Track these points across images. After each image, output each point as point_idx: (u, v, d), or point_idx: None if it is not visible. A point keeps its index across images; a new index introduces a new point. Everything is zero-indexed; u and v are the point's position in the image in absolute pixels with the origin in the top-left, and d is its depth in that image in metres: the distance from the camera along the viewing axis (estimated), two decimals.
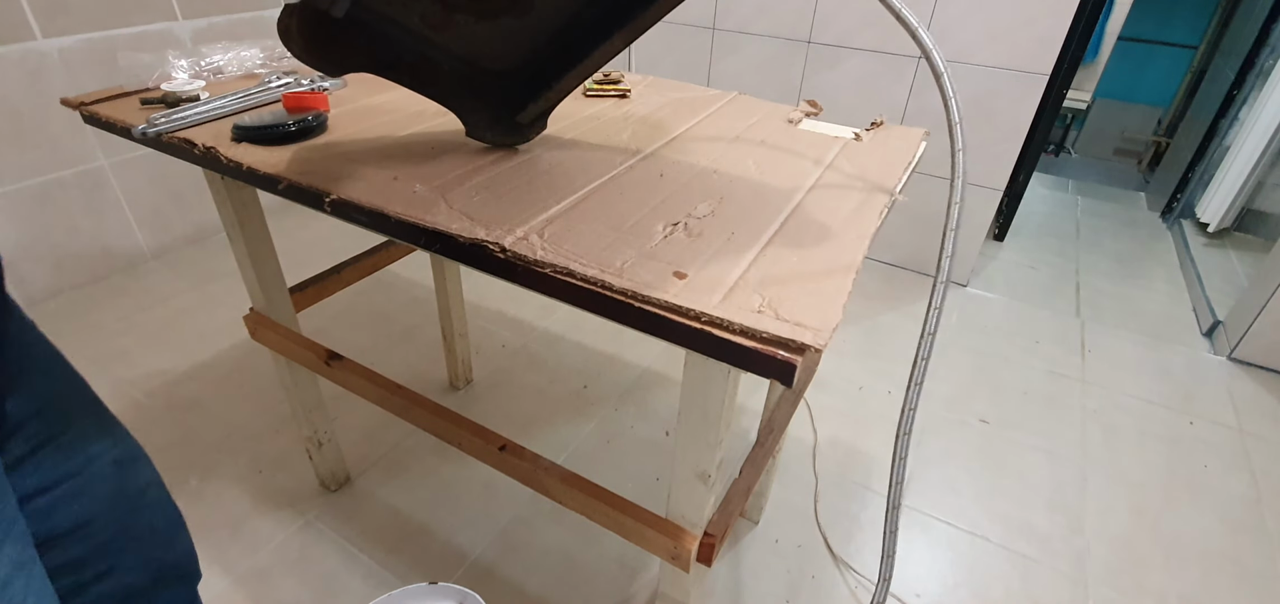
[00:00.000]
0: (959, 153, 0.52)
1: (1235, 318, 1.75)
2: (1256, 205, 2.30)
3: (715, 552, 0.66)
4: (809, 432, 1.40)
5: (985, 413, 1.50)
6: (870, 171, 0.71)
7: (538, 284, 0.51)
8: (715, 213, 0.58)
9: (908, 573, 1.12)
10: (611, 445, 1.34)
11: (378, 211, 0.56)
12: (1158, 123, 3.21)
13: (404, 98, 0.85)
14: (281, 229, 2.05)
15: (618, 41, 0.63)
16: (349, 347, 1.58)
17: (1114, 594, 1.11)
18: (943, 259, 0.54)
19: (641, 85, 0.97)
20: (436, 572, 1.08)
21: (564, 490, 0.72)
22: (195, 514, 1.14)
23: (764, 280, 0.49)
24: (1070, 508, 1.27)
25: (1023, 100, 1.71)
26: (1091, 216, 2.60)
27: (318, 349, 0.93)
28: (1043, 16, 1.61)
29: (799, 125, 0.84)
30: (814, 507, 1.23)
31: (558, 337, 1.66)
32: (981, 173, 1.85)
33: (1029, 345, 1.75)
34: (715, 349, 0.45)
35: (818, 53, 1.92)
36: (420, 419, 0.84)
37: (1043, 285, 2.05)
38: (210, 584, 1.04)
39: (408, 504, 1.19)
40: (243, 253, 0.91)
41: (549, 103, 0.70)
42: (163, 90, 0.80)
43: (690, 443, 0.59)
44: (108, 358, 1.49)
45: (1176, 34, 3.05)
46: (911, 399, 0.57)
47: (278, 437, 1.31)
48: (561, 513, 1.18)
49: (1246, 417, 1.54)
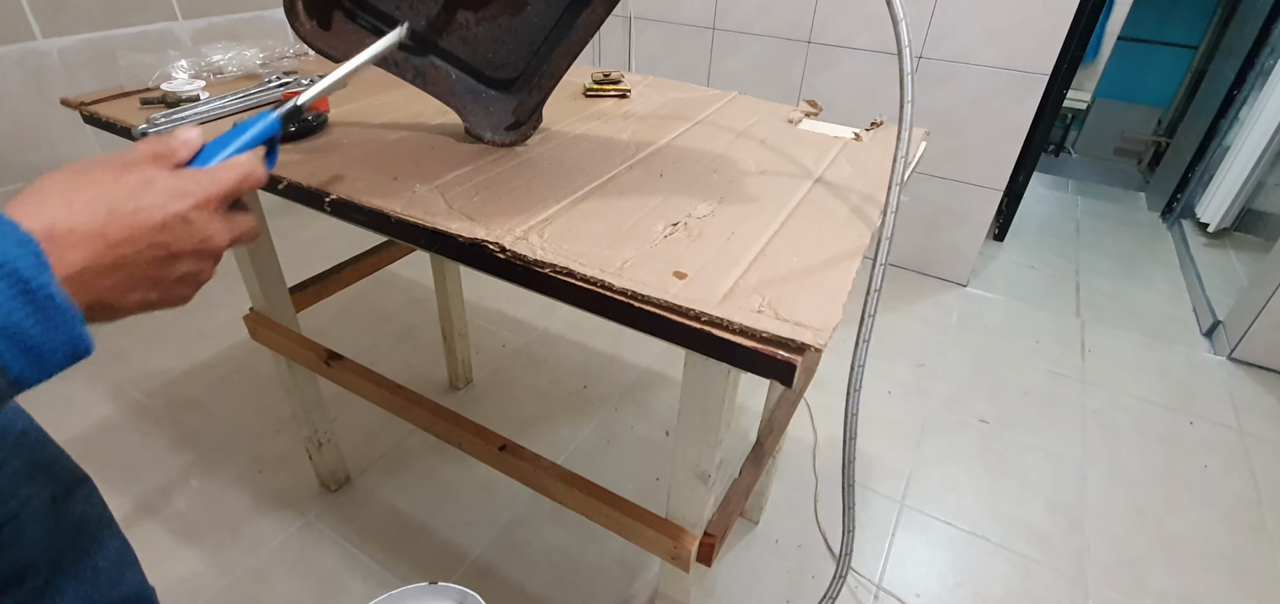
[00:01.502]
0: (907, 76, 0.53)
1: (1235, 318, 1.75)
2: (1256, 205, 2.30)
3: (715, 552, 0.66)
4: (809, 432, 1.40)
5: (985, 413, 1.50)
6: (870, 171, 0.71)
7: (538, 284, 0.51)
8: (715, 213, 0.58)
9: (908, 573, 1.12)
10: (611, 445, 1.34)
11: (378, 211, 0.56)
12: (1158, 123, 3.21)
13: (404, 98, 0.85)
14: (281, 229, 2.05)
15: (599, 8, 0.63)
16: (349, 347, 1.58)
17: (1114, 594, 1.11)
18: (892, 190, 0.55)
19: (641, 85, 0.97)
20: (436, 572, 1.08)
21: (564, 490, 0.72)
22: (195, 514, 1.15)
23: (764, 280, 0.49)
24: (1070, 508, 1.27)
25: (1023, 100, 1.71)
26: (1091, 216, 2.60)
27: (318, 349, 0.93)
28: (1043, 16, 1.61)
29: (799, 125, 0.84)
30: (814, 507, 1.23)
31: (558, 337, 1.66)
32: (981, 173, 1.85)
33: (1029, 345, 1.75)
34: (715, 349, 0.45)
35: (817, 53, 1.92)
36: (420, 419, 0.84)
37: (1043, 285, 2.05)
38: (210, 584, 1.04)
39: (408, 504, 1.19)
40: (243, 253, 0.91)
41: (543, 90, 0.69)
42: (163, 90, 0.80)
43: (690, 443, 0.59)
44: (107, 358, 1.49)
45: (1176, 34, 3.05)
46: (860, 356, 0.58)
47: (278, 437, 1.31)
48: (561, 513, 1.18)
49: (1246, 417, 1.54)
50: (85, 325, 0.32)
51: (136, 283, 0.35)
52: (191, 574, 1.05)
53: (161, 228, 0.35)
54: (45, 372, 0.31)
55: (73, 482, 0.59)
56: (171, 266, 0.36)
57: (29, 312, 0.29)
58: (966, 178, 1.88)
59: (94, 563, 0.60)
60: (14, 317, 0.29)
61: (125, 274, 0.34)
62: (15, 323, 0.29)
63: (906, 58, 0.52)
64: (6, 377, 0.30)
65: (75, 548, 0.58)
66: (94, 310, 0.34)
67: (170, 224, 0.35)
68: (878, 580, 1.11)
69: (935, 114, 1.84)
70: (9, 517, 0.52)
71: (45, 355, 0.31)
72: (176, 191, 0.36)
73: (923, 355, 1.68)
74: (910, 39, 0.53)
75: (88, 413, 1.34)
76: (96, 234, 0.32)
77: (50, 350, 0.31)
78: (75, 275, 0.32)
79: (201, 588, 1.03)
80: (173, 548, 1.09)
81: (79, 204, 0.32)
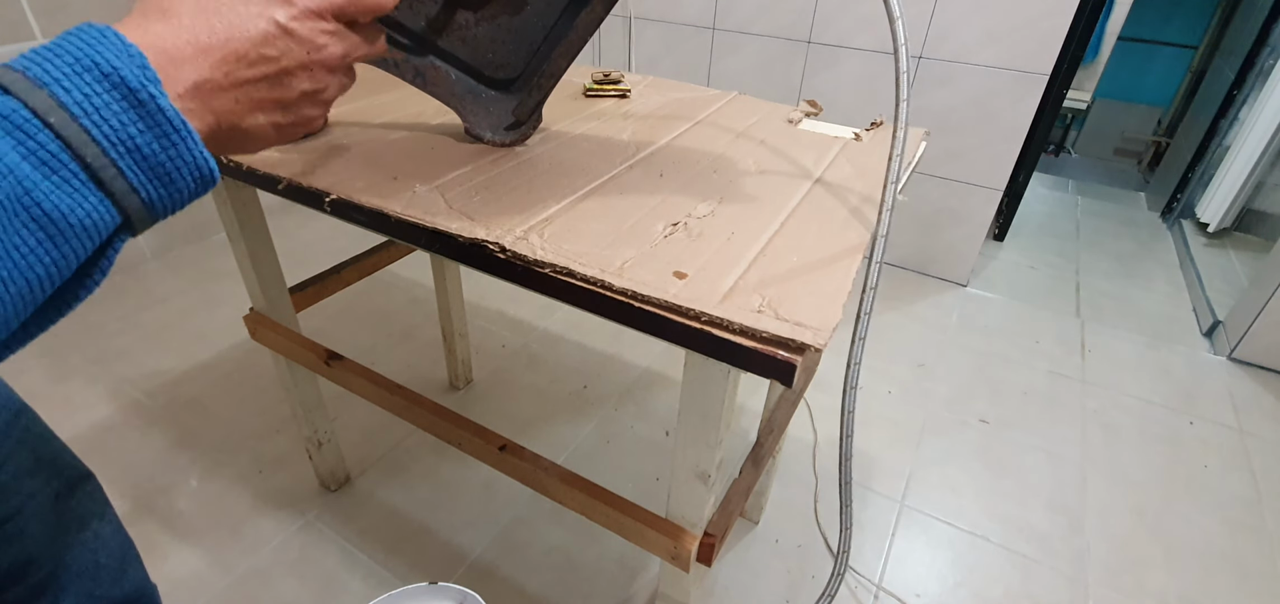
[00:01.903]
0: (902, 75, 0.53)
1: (1235, 318, 1.75)
2: (1256, 205, 2.30)
3: (715, 552, 0.66)
4: (809, 432, 1.40)
5: (985, 413, 1.50)
6: (870, 172, 0.71)
7: (538, 284, 0.51)
8: (715, 213, 0.58)
9: (908, 573, 1.12)
10: (611, 445, 1.34)
11: (378, 211, 0.56)
12: (1158, 123, 3.21)
13: (404, 98, 0.85)
14: (281, 229, 2.05)
15: (599, 8, 0.63)
16: (349, 347, 1.58)
17: (1114, 594, 1.11)
18: (887, 189, 0.55)
19: (641, 85, 0.97)
20: (436, 572, 1.08)
21: (564, 490, 0.72)
22: (195, 514, 1.15)
23: (764, 280, 0.49)
24: (1070, 508, 1.27)
25: (1023, 100, 1.71)
26: (1091, 216, 2.60)
27: (318, 349, 0.93)
28: (1043, 16, 1.61)
29: (799, 125, 0.84)
30: (814, 507, 1.23)
31: (558, 337, 1.66)
32: (981, 173, 1.85)
33: (1029, 345, 1.75)
34: (715, 349, 0.45)
35: (818, 53, 1.92)
36: (420, 419, 0.84)
37: (1043, 285, 2.05)
38: (210, 584, 1.04)
39: (408, 504, 1.19)
40: (243, 253, 0.91)
41: (543, 90, 0.69)
42: None
43: (690, 443, 0.59)
44: (108, 358, 1.49)
45: (1176, 34, 3.05)
46: (856, 355, 0.58)
47: (278, 437, 1.31)
48: (561, 513, 1.18)
49: (1246, 417, 1.54)
50: (204, 146, 0.31)
51: (257, 104, 0.34)
52: (191, 574, 1.05)
53: (264, 40, 0.34)
54: (174, 196, 0.31)
55: (76, 478, 0.59)
56: (286, 84, 0.35)
57: (144, 127, 0.28)
58: (966, 178, 1.88)
59: (96, 559, 0.60)
60: (128, 130, 0.28)
61: (241, 93, 0.34)
62: (130, 137, 0.28)
63: (903, 57, 0.52)
64: (138, 198, 0.29)
65: (77, 545, 0.58)
66: (219, 136, 0.34)
67: (273, 36, 0.34)
68: (877, 580, 1.11)
69: (935, 114, 1.84)
70: (11, 513, 0.52)
71: (171, 176, 0.30)
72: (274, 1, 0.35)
73: (923, 355, 1.68)
74: (908, 39, 0.53)
75: (88, 413, 1.34)
76: (202, 50, 0.32)
77: (175, 171, 0.30)
78: (188, 92, 0.31)
79: (201, 588, 1.04)
80: (173, 548, 1.09)
81: (183, 22, 0.31)
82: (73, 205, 0.27)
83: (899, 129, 0.54)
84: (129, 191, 0.29)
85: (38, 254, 0.26)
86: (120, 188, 0.28)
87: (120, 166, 0.28)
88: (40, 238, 0.26)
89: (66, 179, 0.27)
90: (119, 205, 0.29)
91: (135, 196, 0.29)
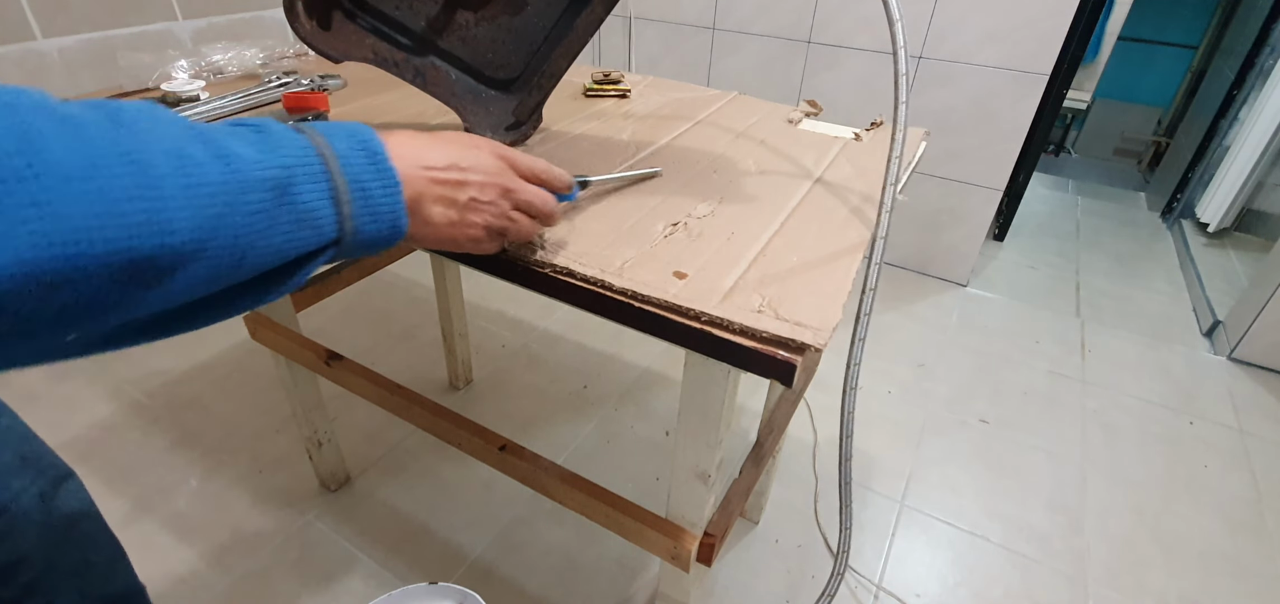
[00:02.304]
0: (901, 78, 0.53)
1: (1235, 318, 1.75)
2: (1256, 205, 2.30)
3: (715, 552, 0.66)
4: (809, 432, 1.40)
5: (985, 413, 1.50)
6: (870, 171, 0.71)
7: (538, 284, 0.51)
8: (715, 213, 0.58)
9: (908, 573, 1.12)
10: (611, 445, 1.34)
11: None
12: (1158, 123, 3.21)
13: (404, 98, 0.85)
14: None
15: (599, 8, 0.63)
16: (349, 347, 1.58)
17: (1114, 594, 1.11)
18: (886, 189, 0.55)
19: (641, 85, 0.97)
20: (436, 572, 1.08)
21: (564, 490, 0.72)
22: (195, 514, 1.15)
23: (764, 280, 0.49)
24: (1070, 508, 1.27)
25: (1023, 100, 1.71)
26: (1091, 216, 2.60)
27: (318, 349, 0.93)
28: (1043, 17, 1.61)
29: (799, 125, 0.84)
30: (814, 507, 1.23)
31: (558, 337, 1.66)
32: (981, 173, 1.85)
33: (1029, 345, 1.75)
34: (715, 349, 0.45)
35: (818, 53, 1.92)
36: (420, 419, 0.84)
37: (1043, 285, 2.05)
38: (210, 584, 1.04)
39: (408, 504, 1.19)
40: None
41: (543, 90, 0.70)
42: (163, 90, 0.80)
43: (690, 443, 0.59)
44: (108, 358, 1.49)
45: (1176, 34, 3.05)
46: (855, 355, 0.58)
47: (278, 437, 1.31)
48: (561, 513, 1.18)
49: (1246, 417, 1.54)
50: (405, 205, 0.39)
51: (436, 198, 0.42)
52: (191, 574, 1.05)
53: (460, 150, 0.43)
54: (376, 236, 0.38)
55: (59, 477, 0.59)
56: (462, 189, 0.43)
57: (373, 172, 0.37)
58: (966, 178, 1.88)
59: (87, 558, 0.61)
60: (363, 174, 0.37)
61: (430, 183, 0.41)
62: (364, 181, 0.37)
63: (902, 59, 0.52)
64: (353, 225, 0.37)
65: (67, 543, 0.58)
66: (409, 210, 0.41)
67: (465, 154, 0.43)
68: (878, 580, 1.11)
69: (935, 114, 1.84)
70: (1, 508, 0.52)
71: (379, 215, 0.38)
72: (478, 140, 0.45)
73: (923, 355, 1.68)
74: (908, 39, 0.53)
75: (88, 413, 1.34)
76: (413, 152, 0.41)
77: (383, 212, 0.38)
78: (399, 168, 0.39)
79: (201, 588, 1.03)
80: (173, 548, 1.09)
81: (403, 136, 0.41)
82: (318, 208, 0.35)
83: (898, 131, 0.54)
84: (349, 219, 0.37)
85: (286, 232, 0.33)
86: (345, 213, 0.36)
87: (353, 199, 0.36)
88: (292, 222, 0.33)
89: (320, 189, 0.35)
90: (341, 226, 0.36)
91: (352, 223, 0.37)
